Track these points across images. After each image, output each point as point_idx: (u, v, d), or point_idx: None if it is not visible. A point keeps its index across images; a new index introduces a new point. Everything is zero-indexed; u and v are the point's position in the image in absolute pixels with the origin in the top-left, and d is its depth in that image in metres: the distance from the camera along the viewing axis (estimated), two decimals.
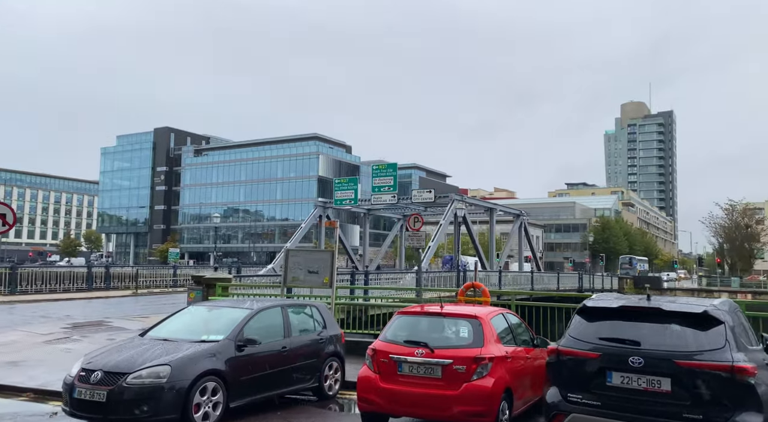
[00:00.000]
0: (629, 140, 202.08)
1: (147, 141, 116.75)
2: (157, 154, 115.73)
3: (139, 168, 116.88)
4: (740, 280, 62.33)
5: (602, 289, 47.33)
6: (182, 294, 26.48)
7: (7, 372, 9.11)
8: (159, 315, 16.85)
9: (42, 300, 21.58)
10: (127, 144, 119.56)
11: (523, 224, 37.25)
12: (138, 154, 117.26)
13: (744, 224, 67.80)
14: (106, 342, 12.03)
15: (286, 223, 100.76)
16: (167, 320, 7.66)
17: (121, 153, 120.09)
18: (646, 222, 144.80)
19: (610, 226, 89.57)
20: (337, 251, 11.19)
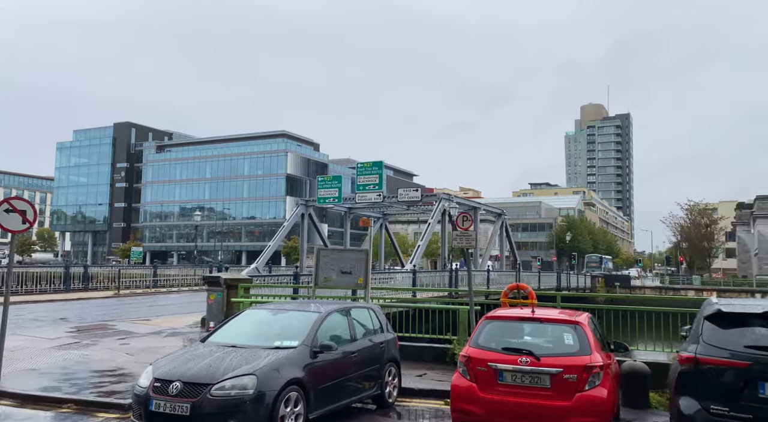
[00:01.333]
0: (588, 141, 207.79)
1: (106, 136, 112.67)
2: (117, 149, 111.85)
3: (98, 164, 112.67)
4: (701, 278, 64.92)
5: (577, 288, 48.44)
6: (166, 295, 25.61)
7: (33, 380, 8.46)
8: (162, 317, 16.23)
9: (21, 302, 20.39)
10: (84, 139, 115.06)
11: (504, 223, 37.64)
12: (96, 150, 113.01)
13: (704, 223, 70.62)
14: (121, 346, 11.42)
15: (252, 222, 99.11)
16: (227, 324, 7.22)
17: (78, 148, 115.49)
18: (606, 221, 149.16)
19: (575, 226, 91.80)
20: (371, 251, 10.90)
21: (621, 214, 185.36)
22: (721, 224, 75.49)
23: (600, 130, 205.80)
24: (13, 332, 13.12)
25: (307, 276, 17.21)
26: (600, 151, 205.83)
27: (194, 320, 15.45)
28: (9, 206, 9.14)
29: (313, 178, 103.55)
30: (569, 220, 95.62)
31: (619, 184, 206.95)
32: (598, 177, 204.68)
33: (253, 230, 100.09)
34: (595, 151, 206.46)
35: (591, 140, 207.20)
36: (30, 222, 9.33)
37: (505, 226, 38.10)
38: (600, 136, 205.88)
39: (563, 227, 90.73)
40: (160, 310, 18.63)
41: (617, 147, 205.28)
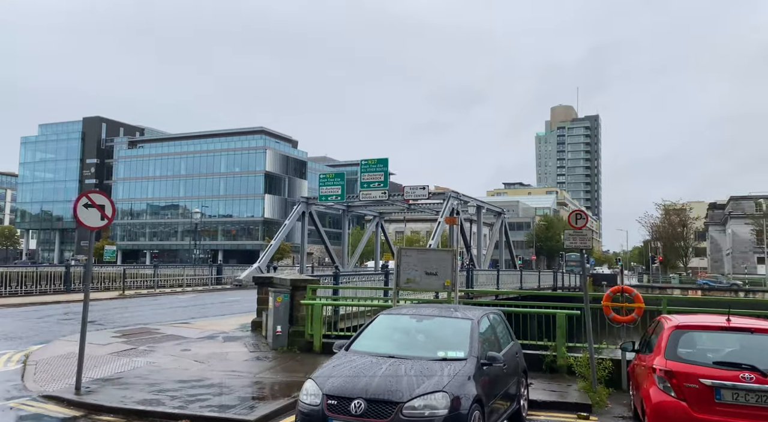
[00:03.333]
0: (558, 142, 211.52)
1: (75, 131, 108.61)
2: (86, 144, 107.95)
3: (66, 159, 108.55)
4: (679, 277, 66.69)
5: (569, 287, 48.94)
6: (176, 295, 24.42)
7: (120, 392, 7.71)
8: (200, 320, 15.35)
9: (29, 304, 19.20)
10: (51, 133, 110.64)
11: (503, 222, 37.63)
12: (64, 145, 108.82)
13: (679, 223, 72.56)
14: (184, 353, 10.67)
15: (229, 220, 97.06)
16: (367, 332, 6.63)
17: (44, 143, 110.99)
18: None
19: (553, 225, 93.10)
20: (457, 249, 10.45)
21: (590, 214, 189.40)
22: (697, 224, 77.70)
23: (570, 131, 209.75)
24: (56, 336, 12.23)
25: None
26: (569, 152, 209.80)
27: (238, 322, 14.73)
28: (88, 200, 8.39)
29: (291, 176, 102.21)
30: (547, 220, 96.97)
31: (587, 185, 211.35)
32: (568, 177, 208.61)
33: (229, 229, 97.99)
34: (564, 152, 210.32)
35: (561, 141, 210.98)
36: (108, 219, 8.58)
37: (505, 226, 38.10)
38: (570, 137, 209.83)
39: (542, 226, 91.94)
40: (188, 312, 17.72)
41: (586, 148, 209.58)
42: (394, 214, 47.15)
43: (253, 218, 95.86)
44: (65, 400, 7.56)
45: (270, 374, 9.19)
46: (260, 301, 13.23)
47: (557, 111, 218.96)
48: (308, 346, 10.87)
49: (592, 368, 8.15)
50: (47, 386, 8.28)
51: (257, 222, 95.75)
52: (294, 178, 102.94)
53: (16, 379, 8.72)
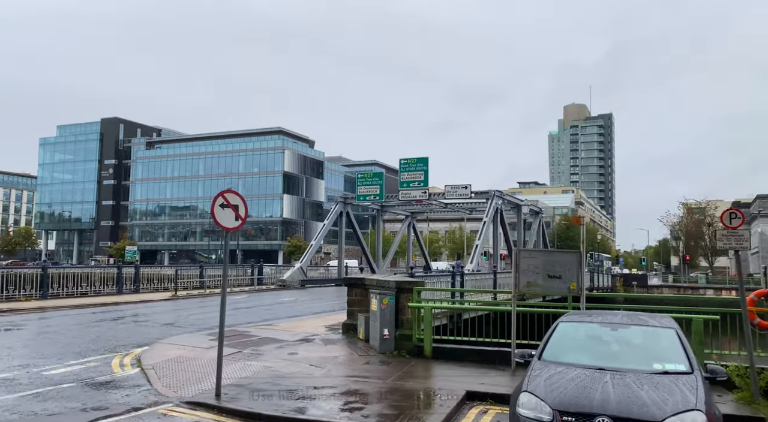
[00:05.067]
0: (571, 141, 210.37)
1: (93, 132, 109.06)
2: (104, 145, 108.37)
3: (84, 160, 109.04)
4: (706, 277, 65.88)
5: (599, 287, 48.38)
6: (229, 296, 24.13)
7: (260, 401, 7.46)
8: (282, 321, 15.12)
9: (90, 305, 19.08)
10: (70, 135, 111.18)
11: (541, 222, 37.21)
12: (83, 146, 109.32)
13: (703, 222, 71.73)
14: (291, 356, 10.44)
15: (248, 220, 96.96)
16: (554, 340, 6.30)
17: (63, 144, 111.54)
18: (593, 220, 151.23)
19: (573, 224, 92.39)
20: (583, 250, 10.11)
21: (604, 213, 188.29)
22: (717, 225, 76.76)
23: (583, 129, 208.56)
24: (148, 339, 12.03)
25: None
26: (583, 151, 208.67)
27: (321, 324, 14.51)
28: (224, 200, 8.17)
29: (309, 176, 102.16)
30: (567, 219, 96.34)
31: (601, 184, 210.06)
32: (581, 176, 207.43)
33: (248, 229, 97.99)
34: (578, 151, 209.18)
35: (574, 140, 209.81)
36: (242, 219, 8.37)
37: (542, 224, 37.68)
38: (583, 136, 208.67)
39: (562, 226, 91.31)
40: (257, 313, 17.49)
41: (600, 147, 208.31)
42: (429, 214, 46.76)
43: (271, 218, 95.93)
44: (214, 407, 7.33)
45: (398, 380, 8.92)
46: (351, 303, 12.98)
47: (570, 109, 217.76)
48: (417, 351, 10.60)
49: (753, 378, 7.81)
50: (182, 392, 8.07)
51: (276, 222, 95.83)
52: (311, 178, 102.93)
53: (145, 384, 8.52)
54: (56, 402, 7.34)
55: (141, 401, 7.62)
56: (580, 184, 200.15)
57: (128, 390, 8.16)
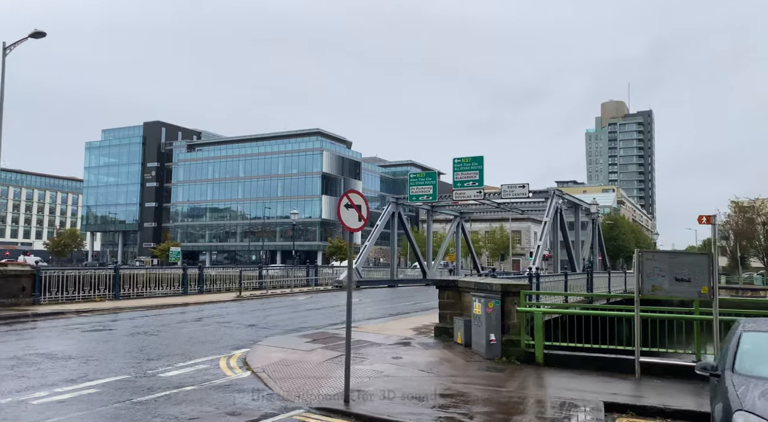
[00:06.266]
0: (610, 139, 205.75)
1: (136, 135, 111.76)
2: (147, 148, 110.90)
3: (128, 163, 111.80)
4: (762, 278, 63.32)
5: None
6: (292, 297, 24.13)
7: (389, 404, 7.17)
8: (366, 323, 14.83)
9: (162, 306, 19.25)
10: (114, 138, 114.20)
11: (596, 222, 36.20)
12: (126, 149, 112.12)
13: (761, 222, 68.93)
14: (396, 360, 10.14)
15: (287, 221, 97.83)
16: (746, 350, 5.81)
17: (107, 148, 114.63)
18: (634, 219, 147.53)
19: (618, 224, 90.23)
20: (715, 252, 9.54)
21: (645, 212, 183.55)
22: None
23: (622, 127, 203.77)
24: (250, 340, 11.92)
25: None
26: (622, 149, 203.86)
27: (409, 326, 14.24)
28: (348, 201, 7.93)
29: (347, 177, 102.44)
30: (611, 218, 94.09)
31: (641, 182, 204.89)
32: (620, 175, 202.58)
33: (286, 230, 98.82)
34: (616, 149, 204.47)
35: (612, 137, 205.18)
36: (365, 219, 8.11)
37: (597, 224, 36.66)
38: (621, 134, 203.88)
39: (606, 225, 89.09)
40: (334, 314, 17.27)
41: (639, 144, 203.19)
42: (477, 214, 46.14)
43: (310, 219, 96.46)
44: (350, 414, 7.08)
45: (523, 389, 8.55)
46: (443, 306, 12.64)
47: (608, 107, 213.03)
48: (527, 357, 10.18)
49: None
50: (306, 397, 7.83)
51: (314, 222, 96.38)
52: (349, 179, 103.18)
53: (264, 387, 8.34)
54: (190, 406, 7.21)
55: (269, 406, 7.43)
56: (619, 182, 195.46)
57: (251, 394, 8.00)
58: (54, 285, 19.26)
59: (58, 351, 10.53)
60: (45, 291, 18.86)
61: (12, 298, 17.79)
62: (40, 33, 16.59)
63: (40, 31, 16.59)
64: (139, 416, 6.71)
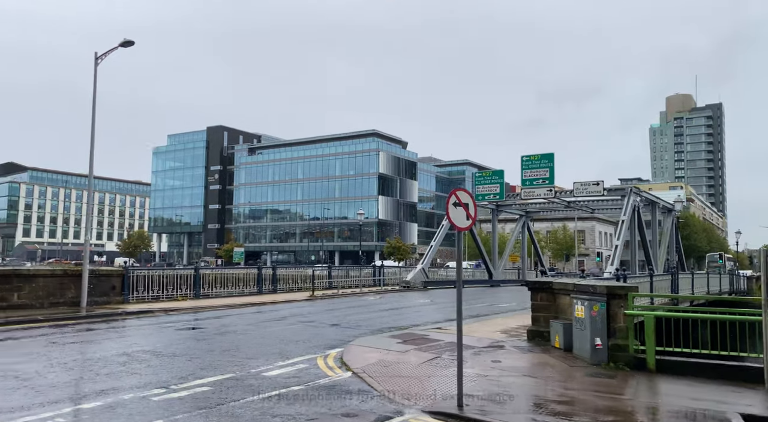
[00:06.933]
0: (676, 134, 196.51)
1: (200, 140, 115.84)
2: (210, 152, 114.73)
3: (192, 167, 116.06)
4: None
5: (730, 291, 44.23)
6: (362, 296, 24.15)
7: (505, 409, 6.86)
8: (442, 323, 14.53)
9: (242, 305, 19.65)
10: (179, 143, 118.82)
11: (674, 220, 34.42)
12: (191, 153, 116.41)
13: None
14: (495, 364, 9.80)
15: (344, 222, 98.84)
16: None
17: (173, 152, 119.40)
18: (704, 217, 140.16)
19: (690, 223, 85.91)
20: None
21: (716, 210, 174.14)
22: None
23: (689, 121, 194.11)
24: (339, 339, 11.90)
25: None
26: (689, 144, 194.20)
27: (497, 329, 13.87)
28: (456, 199, 7.70)
29: (403, 177, 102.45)
30: (682, 216, 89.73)
31: (710, 179, 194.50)
32: (687, 171, 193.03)
33: (344, 230, 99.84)
34: (683, 144, 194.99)
35: (679, 132, 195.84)
36: (472, 218, 7.84)
37: (675, 223, 34.85)
38: (689, 128, 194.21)
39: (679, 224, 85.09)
40: (411, 315, 17.12)
41: (708, 139, 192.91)
42: (543, 213, 44.96)
43: (367, 219, 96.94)
44: (470, 420, 6.83)
45: (643, 397, 8.06)
46: (536, 308, 12.20)
47: (673, 101, 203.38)
48: (637, 363, 9.61)
49: None
50: (414, 399, 7.62)
51: (371, 223, 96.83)
52: (405, 179, 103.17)
53: (369, 389, 8.21)
54: (303, 406, 7.16)
55: (380, 408, 7.28)
56: (686, 179, 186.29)
57: (358, 395, 7.89)
58: (140, 285, 20.04)
59: (161, 349, 10.82)
60: (132, 290, 19.64)
61: (104, 297, 18.62)
62: (129, 42, 17.26)
63: (128, 40, 17.27)
64: (257, 416, 6.71)
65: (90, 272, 18.08)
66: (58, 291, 17.51)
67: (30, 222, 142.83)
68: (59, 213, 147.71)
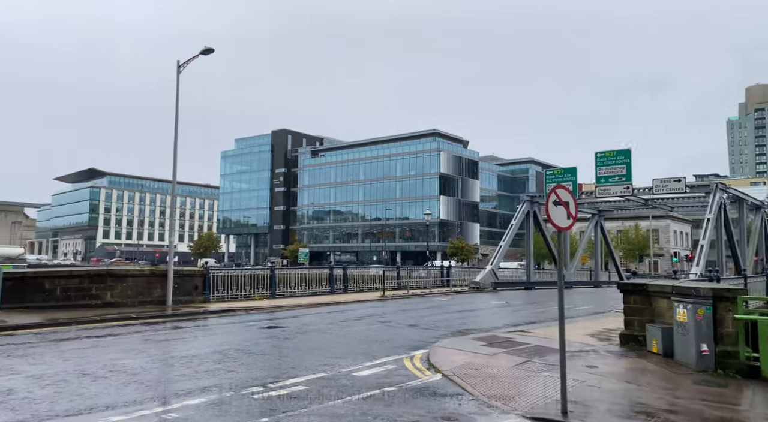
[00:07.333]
0: (757, 126, 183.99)
1: (265, 143, 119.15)
2: (275, 155, 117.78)
3: (258, 170, 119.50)
4: None
5: None
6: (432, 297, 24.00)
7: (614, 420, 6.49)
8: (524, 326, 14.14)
9: (316, 304, 19.91)
10: (245, 147, 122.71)
11: (764, 218, 32.07)
12: (257, 157, 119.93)
13: None
14: (591, 369, 9.36)
15: (406, 222, 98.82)
16: None
17: (240, 156, 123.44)
18: None
19: None
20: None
21: None
22: None
23: None
24: (420, 341, 11.80)
25: None
26: None
27: (581, 332, 13.34)
28: (556, 197, 7.40)
29: (464, 177, 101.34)
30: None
31: None
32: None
33: (405, 230, 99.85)
34: (765, 137, 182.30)
35: (760, 125, 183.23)
36: (574, 218, 7.51)
37: (765, 221, 32.49)
38: None
39: None
40: (486, 317, 16.80)
41: None
42: (617, 212, 43.15)
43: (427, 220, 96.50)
44: None
45: (752, 407, 7.45)
46: (628, 311, 11.61)
47: (754, 91, 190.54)
48: (749, 371, 8.95)
49: None
50: (512, 404, 7.39)
51: (433, 223, 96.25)
52: (467, 179, 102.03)
53: (462, 392, 8.02)
54: (401, 408, 7.08)
55: (479, 412, 7.09)
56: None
57: (454, 398, 7.73)
58: (220, 284, 20.72)
59: (250, 347, 11.07)
60: (213, 289, 20.33)
61: (187, 296, 19.37)
62: (209, 49, 17.88)
63: (209, 47, 17.88)
64: (359, 416, 6.68)
65: (174, 272, 18.86)
66: (146, 290, 18.37)
67: (109, 225, 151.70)
68: (135, 216, 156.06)
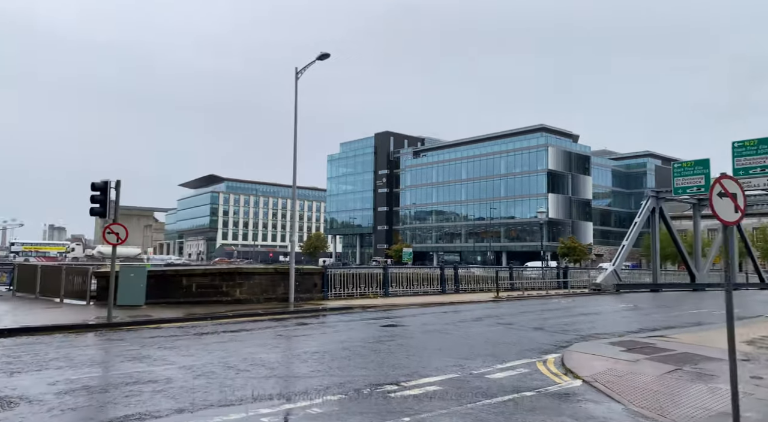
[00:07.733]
0: None
1: (368, 146, 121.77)
2: (378, 157, 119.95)
3: (362, 172, 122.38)
4: None
5: None
6: (548, 299, 22.97)
7: None
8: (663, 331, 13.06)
9: (430, 304, 19.78)
10: (350, 150, 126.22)
11: None
12: (361, 159, 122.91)
13: None
14: (757, 380, 8.30)
15: (511, 222, 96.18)
16: None
17: (344, 159, 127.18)
18: None
19: None
20: None
21: None
22: None
23: None
24: (551, 344, 11.25)
25: None
26: None
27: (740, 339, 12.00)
28: (721, 188, 6.62)
29: (575, 173, 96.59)
30: None
31: None
32: None
33: (511, 230, 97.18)
34: None
35: None
36: (742, 211, 6.68)
37: None
38: None
39: None
40: (618, 321, 15.72)
41: None
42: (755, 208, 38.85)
43: (536, 219, 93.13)
44: None
45: None
46: None
47: None
48: None
49: None
50: (669, 416, 6.71)
51: (539, 223, 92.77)
52: (577, 175, 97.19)
53: (609, 400, 7.43)
54: (544, 415, 6.66)
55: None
56: None
57: (601, 405, 7.18)
58: (337, 283, 21.29)
59: (376, 345, 11.14)
60: (330, 287, 20.92)
61: (307, 293, 20.09)
62: (325, 55, 18.40)
63: (325, 52, 18.39)
64: (502, 421, 6.40)
65: (295, 270, 19.63)
66: (270, 287, 19.28)
67: (227, 227, 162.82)
68: (250, 219, 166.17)
